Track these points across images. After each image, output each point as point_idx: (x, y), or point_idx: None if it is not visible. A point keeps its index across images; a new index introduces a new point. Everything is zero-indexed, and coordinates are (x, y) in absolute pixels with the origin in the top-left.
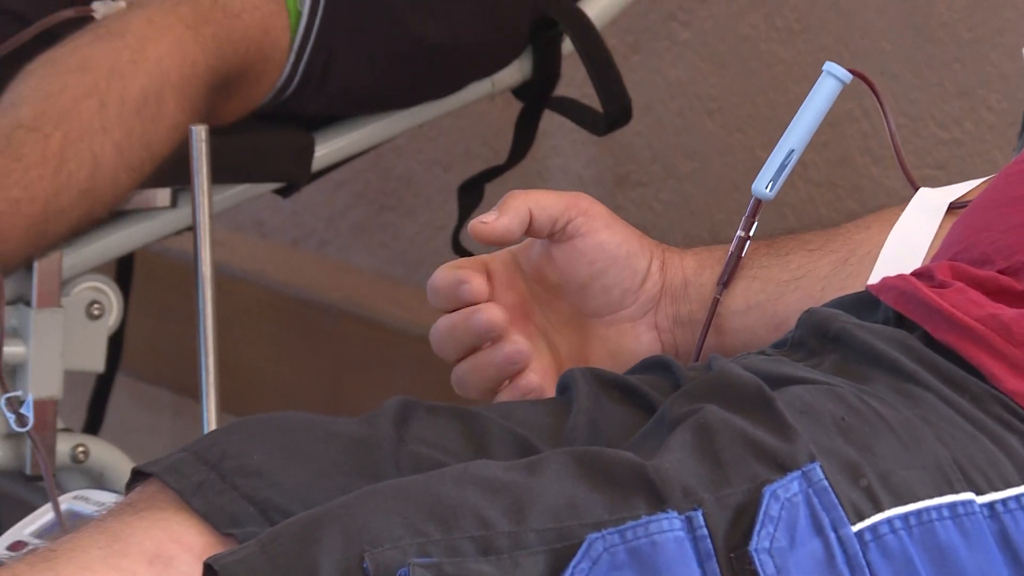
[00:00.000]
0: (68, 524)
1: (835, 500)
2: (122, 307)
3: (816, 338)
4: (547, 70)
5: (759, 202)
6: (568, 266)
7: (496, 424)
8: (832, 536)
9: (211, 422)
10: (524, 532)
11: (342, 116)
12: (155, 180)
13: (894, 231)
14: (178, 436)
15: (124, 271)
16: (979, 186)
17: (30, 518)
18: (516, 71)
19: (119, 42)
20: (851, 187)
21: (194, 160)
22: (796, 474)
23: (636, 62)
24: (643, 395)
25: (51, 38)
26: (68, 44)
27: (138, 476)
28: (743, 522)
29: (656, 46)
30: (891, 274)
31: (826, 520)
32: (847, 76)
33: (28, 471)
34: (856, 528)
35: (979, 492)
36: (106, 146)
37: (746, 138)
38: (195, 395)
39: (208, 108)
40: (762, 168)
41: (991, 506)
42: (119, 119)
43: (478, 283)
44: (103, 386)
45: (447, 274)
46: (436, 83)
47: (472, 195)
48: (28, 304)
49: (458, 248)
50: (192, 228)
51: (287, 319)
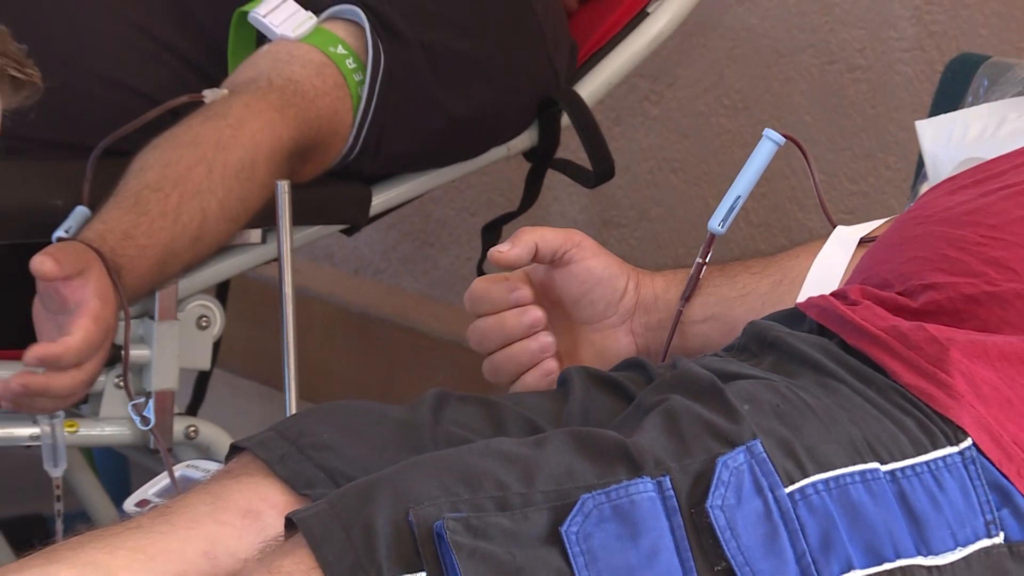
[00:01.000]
0: (181, 487)
1: (772, 468)
2: (223, 319)
3: (757, 344)
4: (549, 138)
5: (713, 236)
6: (565, 285)
7: (511, 409)
8: (770, 496)
9: (291, 408)
10: (533, 493)
11: (392, 174)
12: (249, 223)
13: (817, 260)
14: (265, 419)
15: (223, 291)
16: (881, 225)
17: (153, 481)
18: (526, 139)
19: (222, 122)
20: (782, 228)
21: (279, 208)
22: (742, 448)
23: (617, 132)
24: (624, 387)
25: (173, 116)
26: (184, 123)
27: (235, 450)
28: (701, 485)
29: (633, 120)
30: (814, 294)
31: (765, 484)
32: (781, 140)
33: (151, 446)
34: (788, 490)
35: (883, 462)
36: (212, 203)
37: (702, 191)
38: (279, 386)
39: (290, 170)
40: (715, 210)
41: (892, 473)
42: (222, 182)
43: (527, 290)
44: (203, 379)
45: (494, 285)
46: (465, 149)
47: (492, 234)
48: (152, 318)
49: (481, 275)
50: (277, 259)
51: (350, 329)
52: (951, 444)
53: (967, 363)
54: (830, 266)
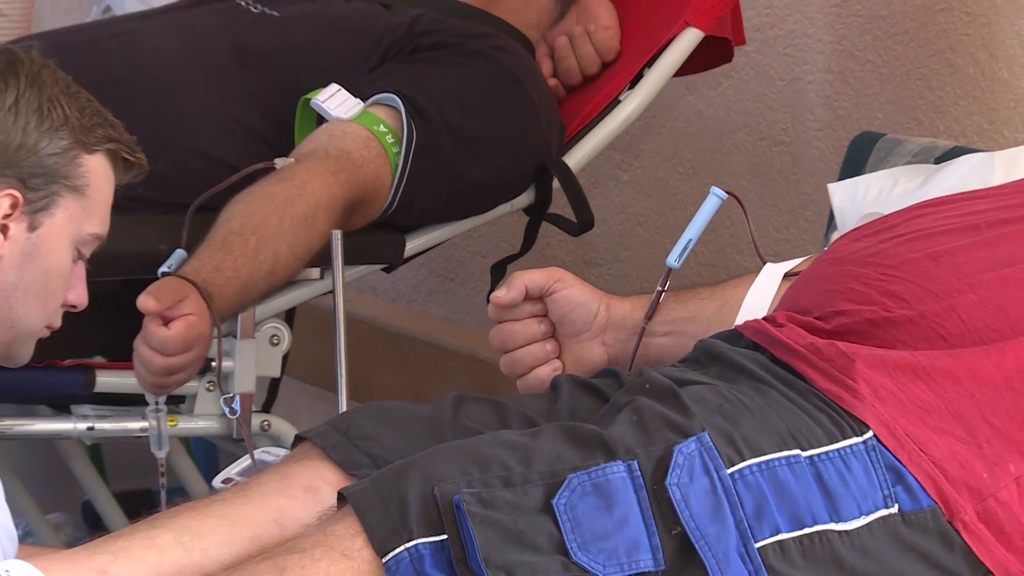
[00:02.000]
0: (258, 467)
1: (716, 454)
2: (290, 338)
3: (705, 357)
4: (543, 197)
5: (670, 270)
6: (551, 308)
7: (513, 408)
8: (715, 476)
9: (342, 407)
10: (530, 473)
11: (421, 225)
12: (310, 262)
13: (751, 290)
14: (322, 416)
15: (290, 315)
16: (800, 263)
17: (235, 463)
18: (525, 197)
19: (290, 183)
20: (723, 266)
21: (334, 251)
22: (693, 438)
23: (596, 193)
24: (601, 391)
25: (250, 180)
26: (260, 184)
27: (298, 439)
28: (662, 467)
29: (607, 183)
30: (750, 318)
31: (711, 466)
32: (724, 196)
33: (235, 435)
34: (729, 471)
35: (803, 449)
36: (282, 246)
37: (661, 238)
38: (333, 390)
39: (342, 221)
40: (672, 250)
41: (810, 458)
42: (290, 229)
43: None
44: (275, 384)
45: (515, 295)
46: (478, 206)
47: (499, 271)
48: (235, 336)
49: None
50: (332, 291)
51: (388, 346)
52: (856, 435)
53: (869, 372)
54: (761, 295)
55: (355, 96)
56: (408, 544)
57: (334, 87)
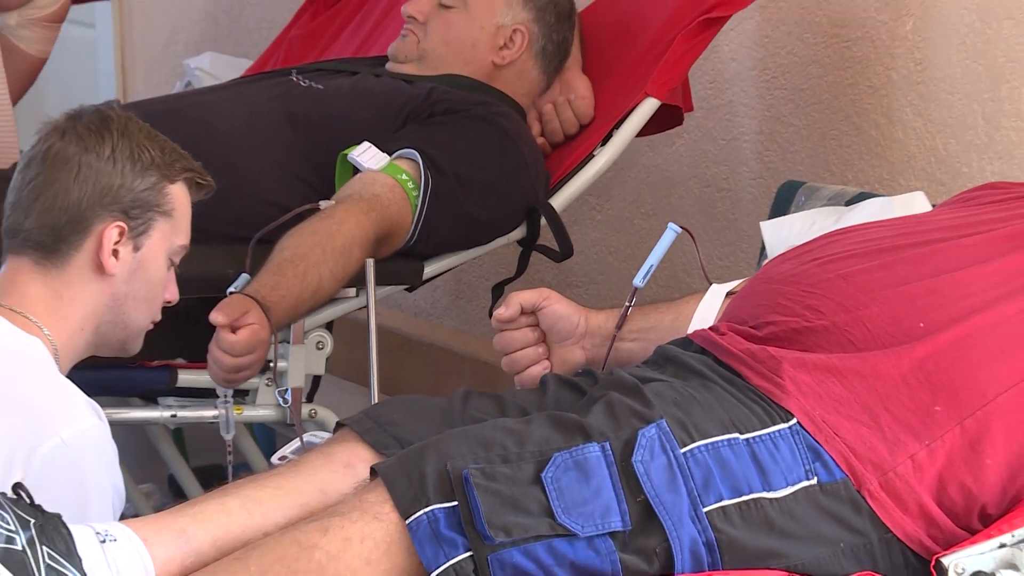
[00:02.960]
0: (306, 448)
1: (672, 437)
2: (332, 343)
3: (663, 359)
4: (533, 232)
5: (635, 289)
6: (542, 321)
7: (510, 400)
8: (671, 454)
9: (374, 399)
10: (524, 452)
11: (437, 254)
12: (348, 283)
13: (700, 305)
14: (359, 406)
15: (332, 325)
16: (738, 284)
17: (289, 444)
18: (519, 232)
19: (331, 220)
20: (677, 286)
21: (367, 274)
22: (654, 424)
23: (575, 229)
24: (580, 387)
25: (299, 218)
26: (307, 221)
27: (339, 425)
28: (628, 448)
29: (584, 221)
30: (699, 328)
31: (668, 447)
32: (679, 230)
33: (288, 422)
34: (682, 450)
35: (741, 433)
36: (325, 271)
37: (628, 266)
38: (367, 385)
39: (373, 251)
40: (637, 273)
41: (747, 440)
42: (332, 258)
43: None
44: (319, 381)
45: (513, 312)
46: (481, 239)
47: (499, 291)
48: (288, 342)
49: (491, 316)
50: (366, 306)
51: (411, 350)
52: (783, 422)
53: (793, 371)
54: (707, 310)
55: (383, 151)
56: (426, 509)
57: (366, 144)
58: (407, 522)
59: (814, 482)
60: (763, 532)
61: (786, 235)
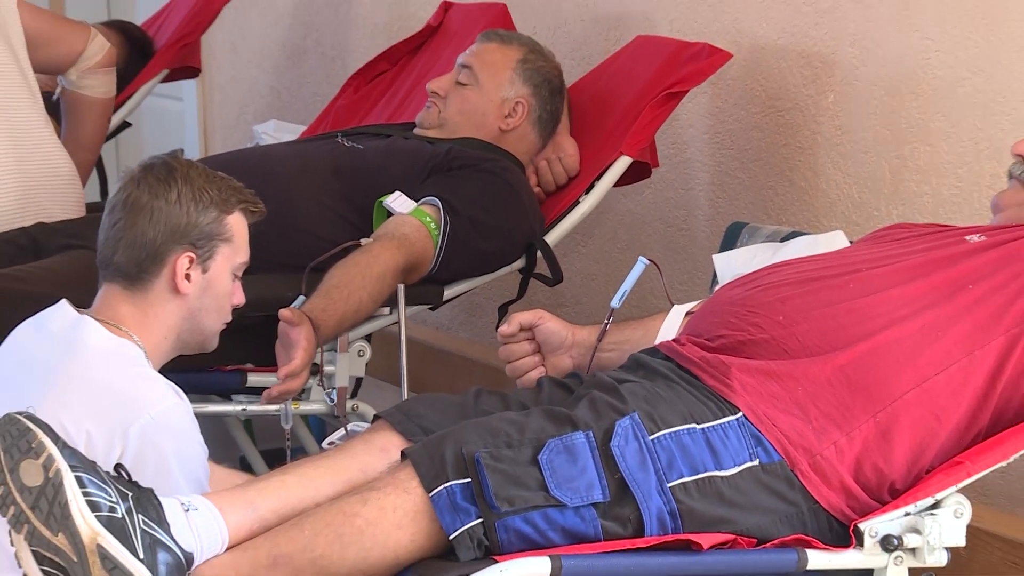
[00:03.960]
0: (350, 435)
1: (642, 426)
2: (371, 352)
3: (635, 365)
4: (531, 263)
5: (613, 309)
6: (538, 335)
7: (513, 398)
8: (642, 441)
9: (404, 396)
10: (524, 439)
11: (454, 281)
12: (382, 304)
13: (664, 322)
14: (391, 402)
15: (370, 337)
16: (695, 305)
17: (335, 432)
18: (520, 262)
19: (370, 254)
20: (646, 307)
21: (399, 297)
22: (628, 417)
23: (565, 261)
24: (569, 387)
25: (344, 252)
26: (350, 255)
27: (376, 417)
28: (607, 436)
29: (572, 255)
30: (663, 340)
31: (639, 434)
32: (647, 262)
33: (335, 414)
34: (651, 438)
35: (698, 423)
36: (364, 295)
37: (607, 290)
38: (398, 383)
39: (403, 279)
40: (614, 296)
41: (703, 429)
42: (370, 284)
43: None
44: (360, 381)
45: (514, 329)
46: (489, 268)
47: (504, 311)
48: (335, 351)
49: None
50: (397, 322)
51: (433, 357)
52: (732, 415)
53: (739, 374)
54: (670, 326)
55: (411, 198)
56: (446, 484)
57: (397, 193)
58: (430, 495)
59: (756, 463)
60: (715, 503)
61: (733, 266)
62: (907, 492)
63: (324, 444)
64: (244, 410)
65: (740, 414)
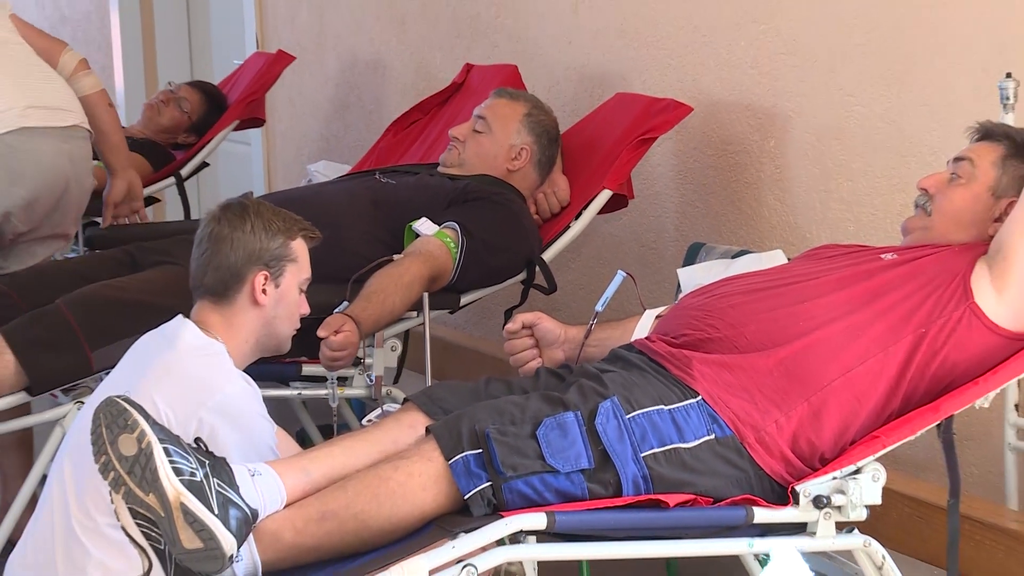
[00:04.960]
0: (385, 414)
1: (620, 408)
2: (403, 346)
3: (615, 358)
4: (531, 276)
5: (597, 312)
6: (536, 332)
7: (516, 384)
8: (620, 419)
9: (428, 383)
10: (525, 417)
11: (469, 290)
12: (411, 308)
13: (638, 324)
14: (417, 387)
15: (401, 335)
16: (663, 310)
17: (373, 412)
18: (522, 275)
19: (401, 267)
20: (624, 310)
21: (424, 302)
22: (609, 400)
23: (559, 275)
24: (561, 375)
25: (378, 266)
26: (385, 268)
27: (406, 400)
28: (592, 415)
29: (564, 269)
30: (638, 338)
31: (618, 414)
32: (624, 275)
33: (373, 397)
34: (627, 416)
35: (666, 405)
36: (396, 300)
37: (592, 297)
38: (423, 372)
39: (427, 287)
40: (598, 302)
41: (669, 410)
42: (401, 291)
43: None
44: (391, 371)
45: (517, 328)
46: (497, 280)
47: (508, 314)
48: (372, 346)
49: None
50: (423, 323)
51: (452, 351)
52: (692, 398)
53: (699, 366)
54: (643, 326)
55: (434, 223)
56: (462, 454)
57: (424, 219)
58: (449, 463)
59: (712, 437)
60: (679, 469)
61: (694, 278)
62: (834, 461)
63: (363, 421)
64: (299, 394)
65: (699, 397)
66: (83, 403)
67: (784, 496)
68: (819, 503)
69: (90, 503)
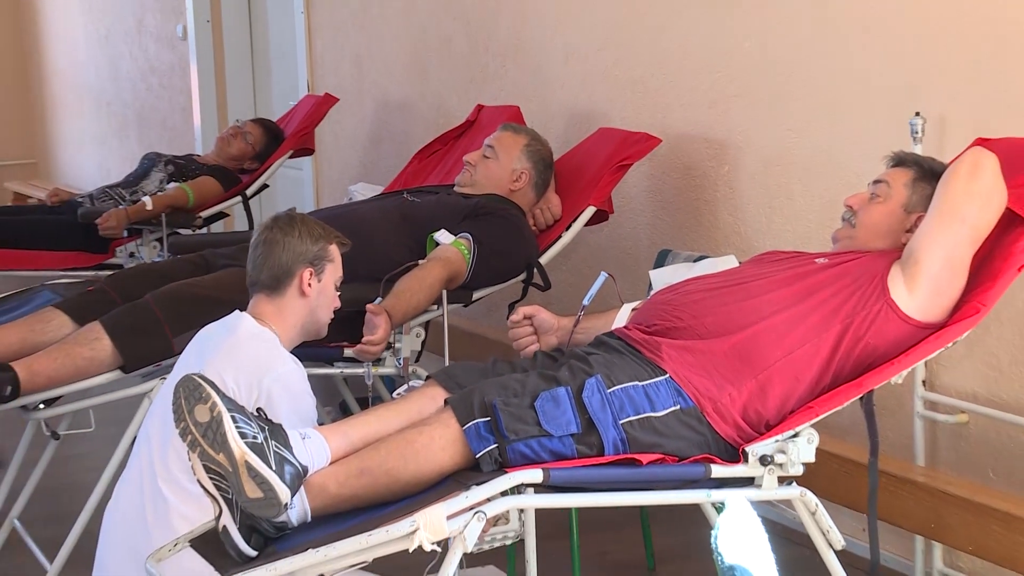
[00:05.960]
0: (411, 389)
1: (603, 384)
2: (426, 334)
3: (598, 343)
4: (530, 276)
5: (584, 306)
6: (534, 322)
7: (518, 364)
8: (603, 392)
9: (446, 363)
10: (525, 391)
11: (479, 288)
12: (432, 303)
13: (618, 315)
14: (438, 367)
15: (424, 324)
16: (637, 304)
17: (402, 387)
18: (522, 275)
19: (424, 270)
20: (605, 304)
21: (443, 298)
22: (593, 377)
23: (553, 275)
24: (555, 357)
25: (407, 269)
26: (412, 271)
27: (428, 377)
28: (580, 389)
29: (557, 270)
30: (617, 327)
31: (601, 388)
32: (606, 275)
33: (401, 375)
34: (608, 390)
35: (640, 381)
36: (421, 297)
37: (580, 293)
38: (442, 355)
39: (446, 286)
40: (585, 296)
41: (643, 385)
42: (425, 289)
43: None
44: (418, 354)
45: (519, 318)
46: (501, 280)
47: (512, 307)
48: (401, 333)
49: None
50: (442, 314)
51: (465, 338)
52: (661, 376)
53: (668, 349)
54: (622, 317)
55: (451, 233)
56: (473, 421)
57: (443, 230)
58: (463, 428)
59: (678, 408)
60: (651, 434)
61: (663, 278)
62: (777, 426)
63: (394, 395)
64: (342, 372)
65: (667, 375)
66: (165, 379)
67: (736, 455)
68: (764, 461)
69: (172, 461)
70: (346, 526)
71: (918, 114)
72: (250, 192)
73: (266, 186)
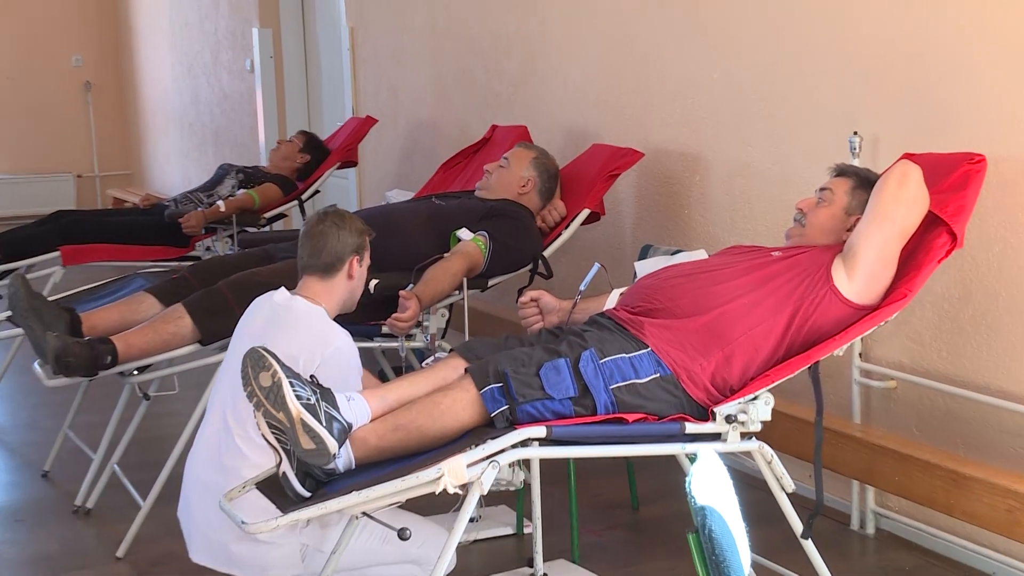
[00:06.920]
0: (437, 360)
1: (596, 355)
2: (450, 314)
3: (592, 322)
4: (536, 266)
5: (580, 291)
6: (540, 304)
7: (526, 340)
8: (596, 362)
9: (466, 338)
10: (531, 362)
11: (493, 276)
12: (455, 288)
13: (608, 298)
14: (459, 341)
15: (448, 306)
16: (625, 289)
17: (429, 358)
18: (529, 266)
19: (449, 262)
20: (599, 290)
21: (464, 285)
22: (588, 350)
23: (555, 265)
24: (556, 333)
25: (432, 261)
26: (438, 263)
27: (452, 351)
28: (577, 360)
29: (558, 262)
30: (608, 308)
31: (594, 359)
32: (599, 265)
33: (428, 347)
34: (600, 361)
35: (627, 354)
36: (445, 284)
37: (577, 281)
38: (463, 331)
39: (466, 275)
40: (581, 283)
41: (629, 357)
42: (448, 277)
43: (535, 304)
44: (444, 330)
45: (526, 300)
46: (513, 269)
47: (520, 292)
48: (429, 313)
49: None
50: (463, 298)
51: (483, 319)
52: (644, 349)
53: (649, 327)
54: (612, 300)
55: (472, 231)
56: (489, 387)
57: (464, 228)
58: (480, 392)
59: (658, 376)
60: (636, 397)
61: (646, 268)
62: (740, 391)
63: (423, 364)
64: (380, 346)
65: (649, 349)
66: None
67: (706, 415)
68: (729, 420)
69: (243, 418)
70: (384, 472)
71: (856, 133)
72: (305, 197)
73: (317, 191)
